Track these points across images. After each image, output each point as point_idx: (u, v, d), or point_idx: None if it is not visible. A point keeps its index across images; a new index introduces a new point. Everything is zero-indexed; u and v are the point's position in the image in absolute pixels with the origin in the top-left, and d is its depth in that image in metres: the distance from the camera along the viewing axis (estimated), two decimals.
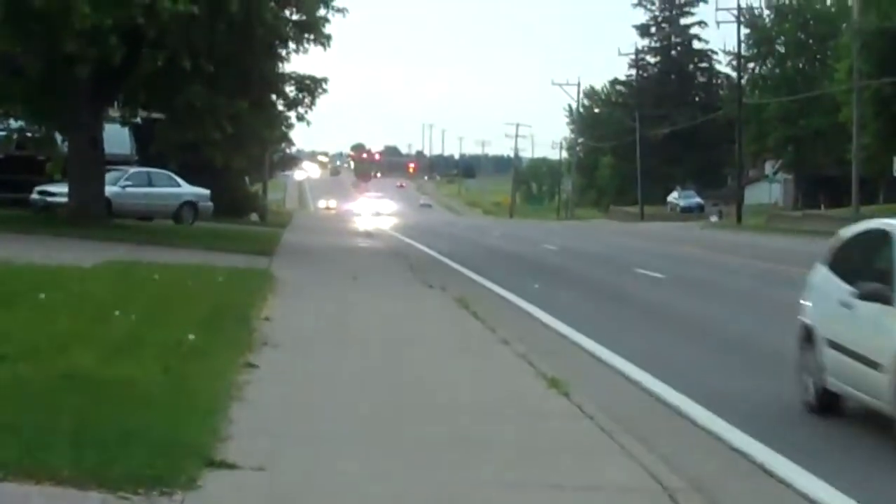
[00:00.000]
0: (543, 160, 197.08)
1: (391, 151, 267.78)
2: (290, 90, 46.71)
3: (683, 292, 29.79)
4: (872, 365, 11.30)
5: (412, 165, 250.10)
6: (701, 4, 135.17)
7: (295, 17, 44.06)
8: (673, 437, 11.32)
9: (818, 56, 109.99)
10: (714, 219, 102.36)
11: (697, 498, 8.87)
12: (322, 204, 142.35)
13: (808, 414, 13.05)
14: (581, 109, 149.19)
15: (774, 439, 11.17)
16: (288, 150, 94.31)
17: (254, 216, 71.21)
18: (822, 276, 13.87)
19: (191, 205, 51.47)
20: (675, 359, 17.35)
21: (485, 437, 10.86)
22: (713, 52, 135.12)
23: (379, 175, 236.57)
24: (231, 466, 8.94)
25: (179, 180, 51.79)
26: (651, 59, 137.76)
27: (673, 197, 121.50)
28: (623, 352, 17.07)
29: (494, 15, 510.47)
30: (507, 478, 9.34)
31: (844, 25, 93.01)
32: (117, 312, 16.61)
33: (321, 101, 47.43)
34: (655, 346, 18.71)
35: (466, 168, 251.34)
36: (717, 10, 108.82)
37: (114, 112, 45.06)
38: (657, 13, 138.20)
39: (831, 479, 9.75)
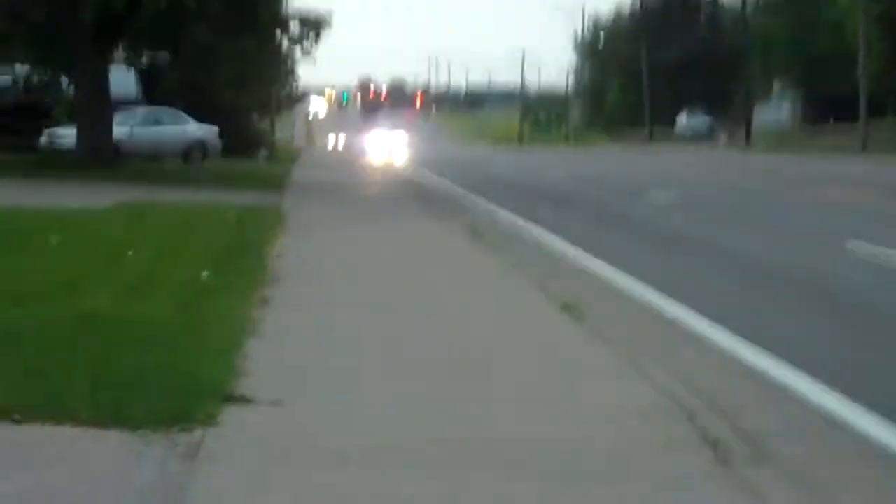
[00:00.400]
0: (551, 89, 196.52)
1: (398, 84, 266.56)
2: (294, 27, 46.61)
3: (692, 214, 29.75)
4: None
5: (419, 98, 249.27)
6: None
7: None
8: (690, 358, 11.29)
9: None
10: (723, 140, 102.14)
11: (714, 415, 8.86)
12: (332, 139, 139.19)
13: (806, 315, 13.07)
14: (587, 38, 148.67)
15: (791, 356, 11.17)
16: (294, 87, 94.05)
17: (263, 153, 71.16)
18: None
19: (200, 143, 51.47)
20: (688, 280, 17.35)
21: (502, 362, 10.86)
22: None
23: (386, 108, 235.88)
24: (248, 401, 8.92)
25: (188, 118, 51.76)
26: None
27: (681, 120, 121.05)
28: (632, 272, 17.10)
29: None
30: (528, 405, 9.34)
31: None
32: (130, 252, 16.68)
33: (326, 37, 47.35)
34: (667, 268, 18.71)
35: (473, 99, 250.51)
36: None
37: (119, 54, 44.95)
38: None
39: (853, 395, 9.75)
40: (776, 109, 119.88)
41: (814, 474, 7.63)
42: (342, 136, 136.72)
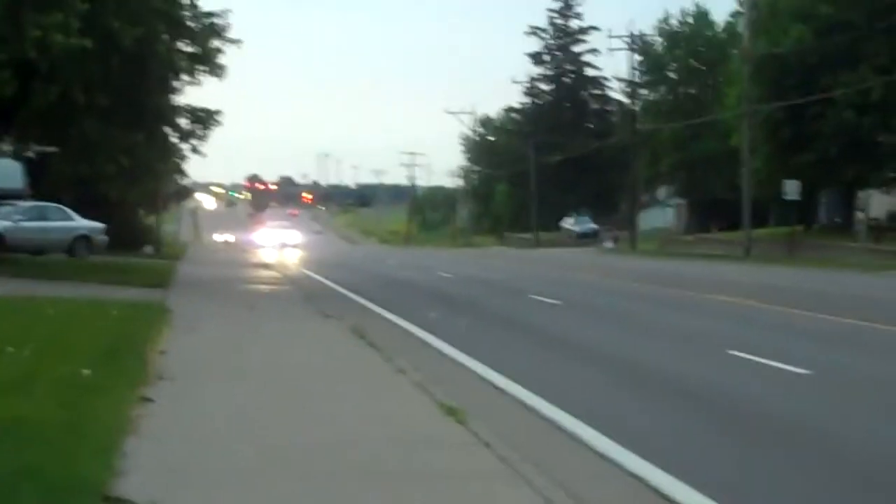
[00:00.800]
0: (440, 188, 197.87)
1: (286, 182, 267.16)
2: (184, 122, 46.62)
3: (579, 318, 29.95)
4: None
5: (308, 195, 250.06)
6: (593, 32, 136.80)
7: (189, 49, 43.97)
8: (570, 464, 11.35)
9: (709, 82, 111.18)
10: (609, 244, 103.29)
11: None
12: (219, 237, 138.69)
13: (707, 438, 13.18)
14: (476, 137, 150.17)
15: (672, 464, 11.26)
16: (182, 183, 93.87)
17: (148, 248, 70.93)
18: None
19: (85, 238, 51.14)
20: (572, 384, 17.44)
21: (383, 466, 10.85)
22: (606, 79, 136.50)
23: (275, 205, 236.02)
24: (125, 502, 8.88)
25: (73, 214, 51.46)
26: (545, 86, 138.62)
27: (567, 223, 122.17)
28: (520, 379, 17.16)
29: (387, 45, 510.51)
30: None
31: (734, 52, 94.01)
32: (10, 349, 16.47)
33: (215, 133, 47.46)
34: (552, 373, 18.80)
35: (362, 197, 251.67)
36: (610, 37, 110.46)
37: (6, 146, 44.69)
38: (550, 41, 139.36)
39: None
40: (662, 215, 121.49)
41: None
42: (230, 233, 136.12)
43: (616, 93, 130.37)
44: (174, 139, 49.23)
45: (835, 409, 15.59)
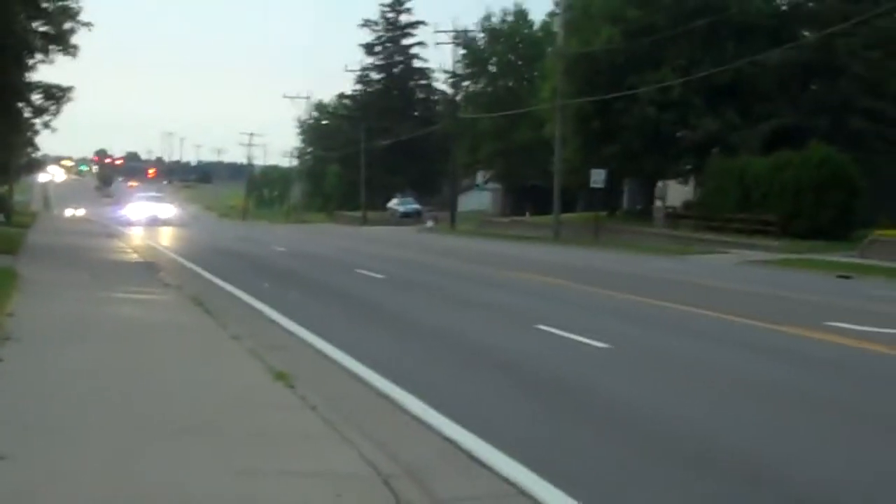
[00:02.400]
0: (275, 167, 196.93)
1: (132, 157, 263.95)
2: (37, 98, 45.90)
3: (402, 292, 30.08)
4: None
5: (152, 170, 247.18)
6: (421, 26, 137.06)
7: (43, 29, 43.36)
8: (389, 427, 11.43)
9: (526, 76, 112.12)
10: (430, 224, 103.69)
11: (410, 482, 9.00)
12: (69, 210, 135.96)
13: (513, 404, 13.37)
14: (311, 121, 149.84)
15: (479, 426, 11.39)
16: (34, 155, 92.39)
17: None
18: None
19: None
20: (391, 353, 17.53)
21: (215, 426, 10.85)
22: (432, 70, 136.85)
23: (121, 180, 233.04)
24: None
25: None
26: (375, 75, 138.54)
27: (393, 203, 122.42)
28: (344, 347, 17.22)
29: (231, 31, 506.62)
30: (236, 464, 9.34)
31: (549, 49, 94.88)
32: None
33: (67, 108, 46.75)
34: (374, 342, 18.89)
35: (203, 174, 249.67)
36: (436, 32, 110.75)
37: None
38: (381, 33, 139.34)
39: (534, 464, 9.99)
40: (480, 198, 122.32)
41: None
42: (78, 204, 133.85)
43: (441, 84, 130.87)
44: (27, 114, 48.47)
45: (628, 378, 15.86)
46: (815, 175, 63.77)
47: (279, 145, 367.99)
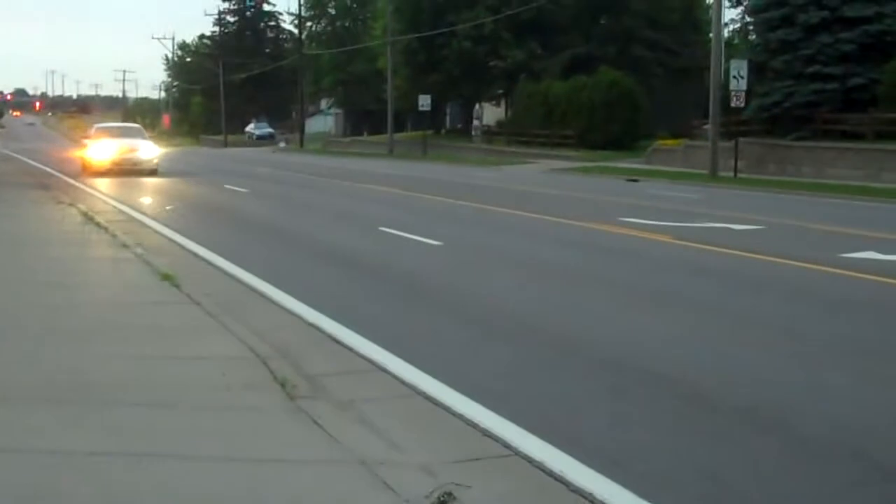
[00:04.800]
0: (146, 99, 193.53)
1: (20, 93, 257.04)
2: None
3: (263, 203, 29.92)
4: None
5: (38, 104, 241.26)
6: None
7: None
8: (263, 317, 11.47)
9: (361, 17, 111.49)
10: (282, 144, 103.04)
11: (284, 362, 9.07)
12: None
13: (363, 292, 13.50)
14: (176, 59, 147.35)
15: (337, 312, 11.50)
16: None
17: None
18: None
19: None
20: (258, 253, 17.50)
21: (110, 321, 10.78)
22: (280, 13, 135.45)
23: (14, 113, 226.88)
24: None
25: None
26: (231, 18, 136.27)
27: (249, 127, 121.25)
28: (218, 249, 17.15)
29: None
30: (131, 352, 9.33)
31: None
32: None
33: None
34: (243, 244, 18.82)
35: (83, 106, 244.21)
36: None
37: None
38: None
39: (385, 342, 10.12)
40: (323, 121, 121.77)
41: (358, 404, 7.94)
42: None
43: (288, 24, 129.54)
44: None
45: (457, 269, 16.05)
46: (606, 95, 64.55)
47: (150, 80, 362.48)
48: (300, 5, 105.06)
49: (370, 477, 6.25)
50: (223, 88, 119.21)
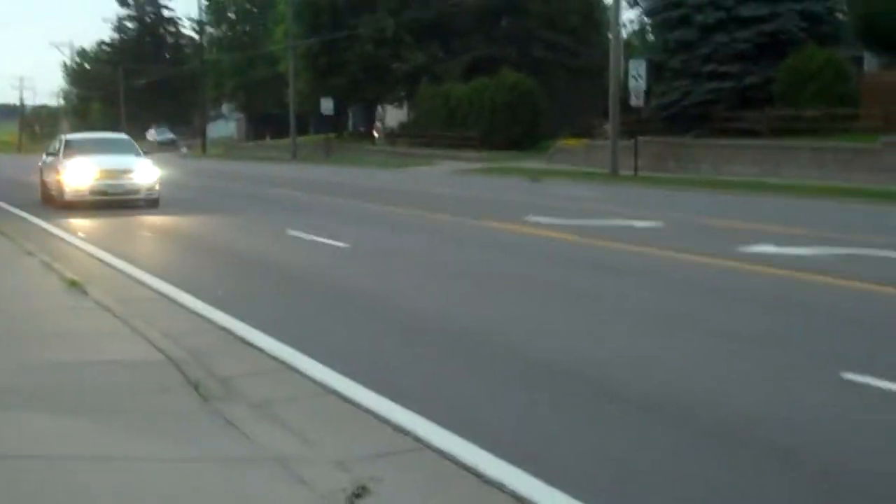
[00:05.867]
0: (45, 107, 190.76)
1: None
2: None
3: (173, 209, 29.72)
4: None
5: None
6: None
7: None
8: (173, 321, 11.48)
9: (261, 22, 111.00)
10: (184, 150, 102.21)
11: (196, 365, 9.12)
12: None
13: (271, 294, 13.55)
14: (75, 66, 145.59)
15: (247, 315, 11.55)
16: None
17: None
18: None
19: None
20: (167, 259, 17.47)
21: (21, 328, 10.74)
22: (179, 18, 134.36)
23: None
24: None
25: None
26: (130, 24, 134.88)
27: (150, 133, 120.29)
28: (124, 255, 17.08)
29: None
30: (43, 358, 9.31)
31: None
32: None
33: None
34: (150, 251, 18.75)
35: None
36: None
37: None
38: None
39: (294, 342, 10.20)
40: (226, 126, 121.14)
41: (271, 404, 8.04)
42: None
43: (188, 29, 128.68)
44: None
45: (365, 271, 16.15)
46: (508, 97, 65.02)
47: (48, 87, 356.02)
48: (200, 10, 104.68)
49: (286, 474, 6.35)
50: (123, 95, 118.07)
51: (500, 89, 65.54)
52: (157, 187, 29.01)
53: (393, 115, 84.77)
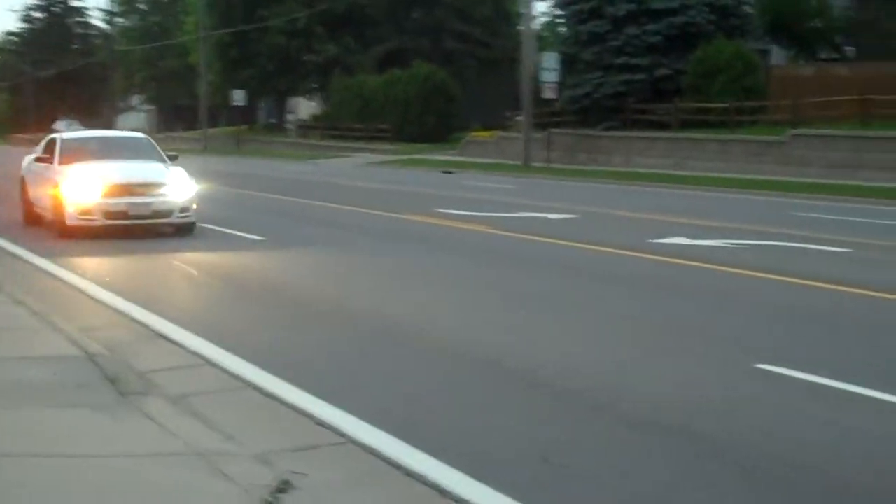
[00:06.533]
0: None
1: None
2: None
3: None
4: None
5: None
6: None
7: None
8: (90, 316, 11.37)
9: (171, 12, 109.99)
10: None
11: (113, 359, 9.04)
12: None
13: (184, 289, 13.45)
14: None
15: (166, 311, 11.46)
16: None
17: None
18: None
19: None
20: (76, 253, 17.24)
21: None
22: (88, 9, 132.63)
23: None
24: None
25: None
26: (38, 14, 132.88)
27: (58, 125, 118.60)
28: (37, 252, 16.87)
29: None
30: None
31: None
32: None
33: None
34: (58, 246, 18.48)
35: None
36: None
37: None
38: None
39: (211, 337, 10.15)
40: (137, 118, 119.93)
41: (190, 398, 8.00)
42: None
43: (97, 20, 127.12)
44: None
45: (279, 263, 16.10)
46: (420, 89, 65.08)
47: None
48: (110, 0, 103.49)
49: (208, 468, 6.32)
50: (31, 86, 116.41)
51: (412, 81, 65.59)
52: (193, 206, 20.10)
53: (305, 108, 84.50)
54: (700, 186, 34.00)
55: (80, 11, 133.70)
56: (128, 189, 19.55)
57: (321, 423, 7.36)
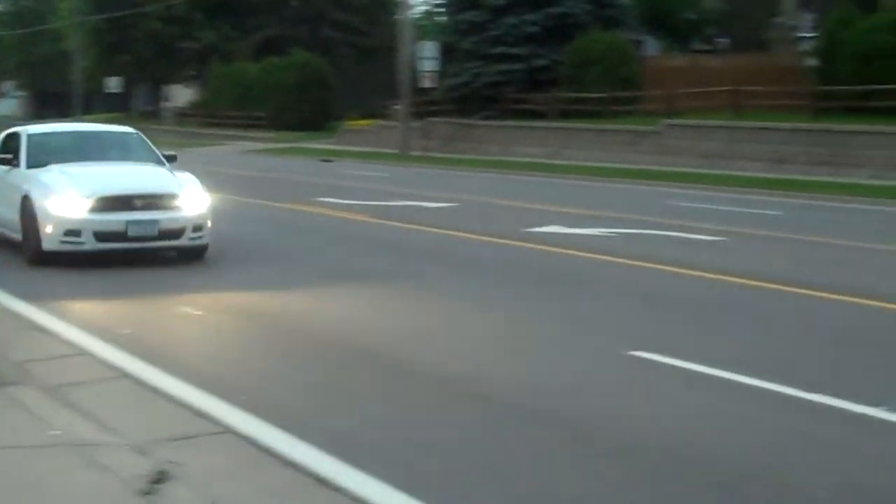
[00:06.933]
0: None
1: None
2: None
3: None
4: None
5: None
6: None
7: None
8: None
9: None
10: None
11: None
12: None
13: (61, 276, 13.29)
14: None
15: (41, 300, 11.32)
16: None
17: None
18: None
19: None
20: None
21: None
22: None
23: None
24: None
25: None
26: None
27: None
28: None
29: None
30: None
31: None
32: None
33: None
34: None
35: None
36: None
37: None
38: None
39: (93, 331, 10.06)
40: (8, 104, 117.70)
41: (65, 388, 7.93)
42: None
43: None
44: None
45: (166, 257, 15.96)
46: (298, 77, 64.76)
47: None
48: None
49: (84, 459, 6.29)
50: None
51: (290, 69, 65.25)
52: (208, 224, 15.34)
53: (182, 95, 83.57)
54: (577, 175, 34.40)
55: None
56: (123, 202, 14.72)
57: (200, 413, 7.36)
